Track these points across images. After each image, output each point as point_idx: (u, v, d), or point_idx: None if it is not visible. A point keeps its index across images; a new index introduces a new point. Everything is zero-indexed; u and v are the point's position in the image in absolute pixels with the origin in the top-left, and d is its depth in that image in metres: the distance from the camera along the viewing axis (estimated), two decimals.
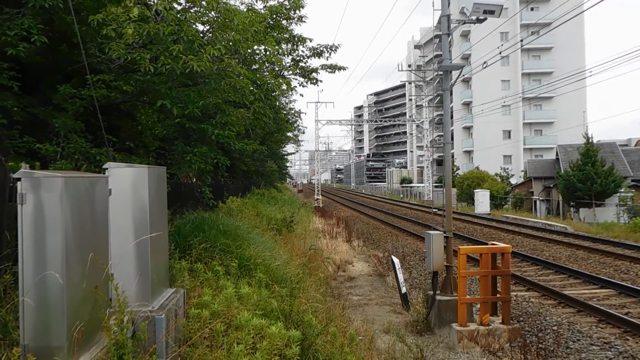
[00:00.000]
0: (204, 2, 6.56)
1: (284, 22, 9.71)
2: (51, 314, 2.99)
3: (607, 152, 33.18)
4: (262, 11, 8.92)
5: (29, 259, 2.99)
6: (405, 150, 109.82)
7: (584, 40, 61.82)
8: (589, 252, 15.53)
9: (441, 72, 9.30)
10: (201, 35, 6.89)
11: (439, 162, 62.98)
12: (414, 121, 53.89)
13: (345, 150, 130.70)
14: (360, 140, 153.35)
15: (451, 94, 9.21)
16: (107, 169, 4.06)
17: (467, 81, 62.84)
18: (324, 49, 10.75)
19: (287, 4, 9.43)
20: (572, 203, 30.78)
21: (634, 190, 30.65)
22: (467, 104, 65.10)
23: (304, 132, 33.09)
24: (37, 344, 2.97)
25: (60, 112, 6.11)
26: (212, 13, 6.82)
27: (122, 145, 7.34)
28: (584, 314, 8.86)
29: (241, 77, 6.85)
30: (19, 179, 3.02)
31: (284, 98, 18.58)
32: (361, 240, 18.65)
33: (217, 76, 6.66)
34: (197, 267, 5.97)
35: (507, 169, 49.62)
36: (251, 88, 8.00)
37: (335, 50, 10.86)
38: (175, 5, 6.80)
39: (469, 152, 66.13)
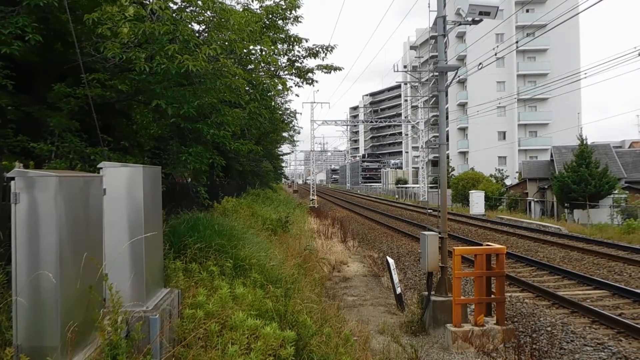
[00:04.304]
0: (199, 2, 6.55)
1: (279, 22, 9.71)
2: (45, 314, 2.98)
3: (601, 153, 33.36)
4: (258, 11, 8.93)
5: (23, 258, 2.97)
6: (401, 151, 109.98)
7: (579, 42, 62.18)
8: (583, 253, 15.60)
9: (437, 73, 9.33)
10: (197, 34, 6.87)
11: (434, 163, 63.10)
12: (410, 122, 54.03)
13: (341, 151, 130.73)
14: (356, 141, 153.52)
15: (447, 95, 9.25)
16: (101, 168, 4.05)
17: (462, 82, 63.02)
18: (320, 50, 10.75)
19: (283, 4, 9.43)
20: (566, 204, 30.92)
21: (627, 192, 30.84)
22: (463, 105, 65.29)
23: (299, 133, 33.13)
24: (30, 344, 2.96)
25: (55, 111, 6.08)
26: (208, 13, 6.81)
27: (117, 145, 7.31)
28: (577, 315, 8.90)
29: (237, 77, 6.84)
30: (13, 178, 3.00)
31: (280, 98, 18.60)
32: (356, 241, 18.65)
33: (212, 76, 6.65)
34: (191, 267, 5.95)
35: (502, 170, 49.80)
36: (247, 88, 7.99)
37: (331, 50, 10.85)
38: (171, 5, 6.78)
39: (464, 153, 66.31)
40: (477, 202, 33.89)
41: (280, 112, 19.92)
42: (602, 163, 30.39)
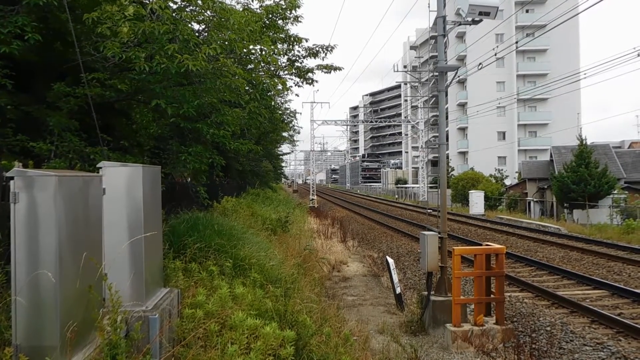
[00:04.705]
0: (199, 1, 6.54)
1: (279, 21, 9.70)
2: (44, 313, 2.97)
3: (600, 153, 33.37)
4: (258, 11, 8.92)
5: (22, 258, 2.97)
6: (401, 151, 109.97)
7: (579, 42, 62.19)
8: (583, 253, 15.61)
9: (436, 73, 9.33)
10: (197, 34, 6.86)
11: (434, 163, 63.06)
12: (409, 122, 54.03)
13: (341, 151, 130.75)
14: (356, 141, 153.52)
15: (446, 95, 9.25)
16: (101, 168, 4.05)
17: (462, 82, 63.01)
18: (320, 49, 10.74)
19: (283, 3, 9.42)
20: (565, 204, 30.93)
21: (627, 192, 30.84)
22: (462, 105, 65.28)
23: (299, 132, 33.17)
24: (29, 344, 2.96)
25: (55, 111, 6.08)
26: (208, 12, 6.80)
27: (117, 144, 7.30)
28: (577, 315, 8.90)
29: (237, 77, 6.83)
30: (12, 178, 3.00)
31: (280, 98, 18.57)
32: (356, 241, 18.66)
33: (212, 75, 6.64)
34: (191, 267, 5.94)
35: (502, 170, 49.80)
36: (247, 88, 7.98)
37: (331, 50, 10.85)
38: (171, 4, 6.77)
39: (463, 153, 66.31)
40: (476, 202, 33.90)
41: (280, 112, 19.90)
42: (602, 163, 30.40)
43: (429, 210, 28.18)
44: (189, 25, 6.69)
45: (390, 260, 10.27)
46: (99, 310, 3.28)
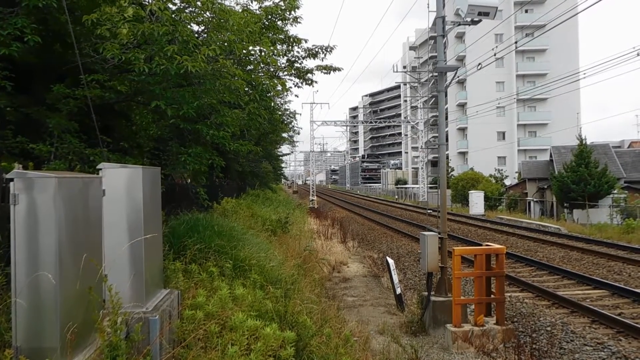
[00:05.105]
0: (199, 3, 6.55)
1: (279, 22, 9.71)
2: (44, 315, 2.97)
3: (600, 153, 33.37)
4: (258, 12, 8.92)
5: (22, 259, 2.97)
6: (400, 151, 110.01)
7: (578, 42, 62.24)
8: (583, 253, 15.60)
9: (436, 74, 9.33)
10: (196, 35, 6.87)
11: (434, 163, 63.07)
12: (409, 122, 54.05)
13: (341, 151, 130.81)
14: (356, 141, 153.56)
15: (446, 95, 9.25)
16: (101, 169, 4.05)
17: (461, 82, 63.01)
18: (319, 50, 10.76)
19: (283, 4, 9.43)
20: (565, 204, 30.93)
21: (626, 192, 30.84)
22: (462, 105, 65.30)
23: (299, 133, 33.22)
24: (29, 346, 2.96)
25: (54, 112, 6.08)
26: (207, 13, 6.81)
27: (117, 146, 7.30)
28: (577, 315, 8.90)
29: (236, 78, 6.84)
30: (12, 180, 3.00)
31: (279, 99, 18.58)
32: (356, 241, 18.64)
33: (212, 77, 6.64)
34: (191, 268, 5.94)
35: (502, 170, 49.79)
36: (246, 89, 7.98)
37: (331, 51, 10.86)
38: (170, 6, 6.78)
39: (463, 153, 66.32)
40: (476, 202, 33.90)
41: (279, 113, 19.90)
42: (602, 163, 30.41)
43: (429, 211, 28.17)
44: (189, 26, 6.70)
45: (391, 261, 10.26)
46: (99, 311, 3.28)
